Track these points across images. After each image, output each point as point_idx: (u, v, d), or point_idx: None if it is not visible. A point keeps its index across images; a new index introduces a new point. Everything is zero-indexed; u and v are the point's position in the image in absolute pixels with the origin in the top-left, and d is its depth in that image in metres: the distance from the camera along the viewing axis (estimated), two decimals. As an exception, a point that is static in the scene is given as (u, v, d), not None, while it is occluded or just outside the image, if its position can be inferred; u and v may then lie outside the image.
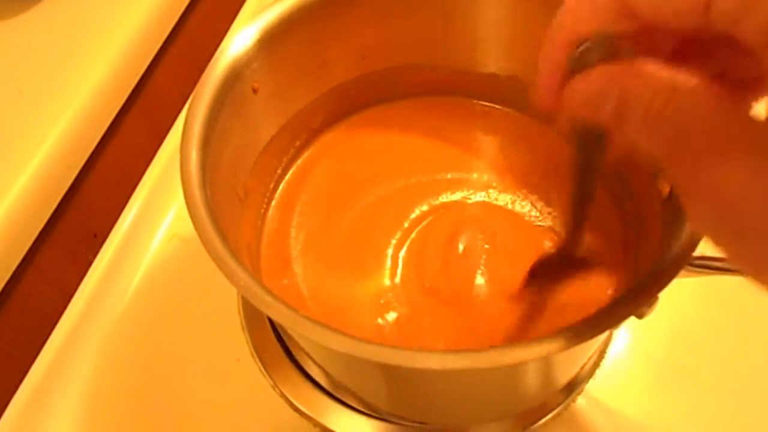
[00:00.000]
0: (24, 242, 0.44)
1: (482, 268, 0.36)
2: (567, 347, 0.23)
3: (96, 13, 0.53)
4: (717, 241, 0.18)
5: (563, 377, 0.36)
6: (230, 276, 0.26)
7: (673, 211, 0.29)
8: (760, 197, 0.16)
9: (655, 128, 0.19)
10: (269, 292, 0.26)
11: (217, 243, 0.26)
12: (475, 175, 0.41)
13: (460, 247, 0.37)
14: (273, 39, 0.33)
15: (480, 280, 0.36)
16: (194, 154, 0.29)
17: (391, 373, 0.30)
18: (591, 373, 0.39)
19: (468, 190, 0.40)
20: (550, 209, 0.39)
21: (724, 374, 0.39)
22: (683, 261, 0.25)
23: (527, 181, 0.40)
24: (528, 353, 0.23)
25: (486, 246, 0.37)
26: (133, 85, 0.53)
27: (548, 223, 0.38)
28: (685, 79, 0.18)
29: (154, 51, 0.55)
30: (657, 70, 0.19)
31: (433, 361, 0.23)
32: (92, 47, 0.51)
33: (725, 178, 0.17)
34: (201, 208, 0.27)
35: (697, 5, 0.18)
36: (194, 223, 0.27)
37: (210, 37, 0.62)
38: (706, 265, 0.27)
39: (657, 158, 0.19)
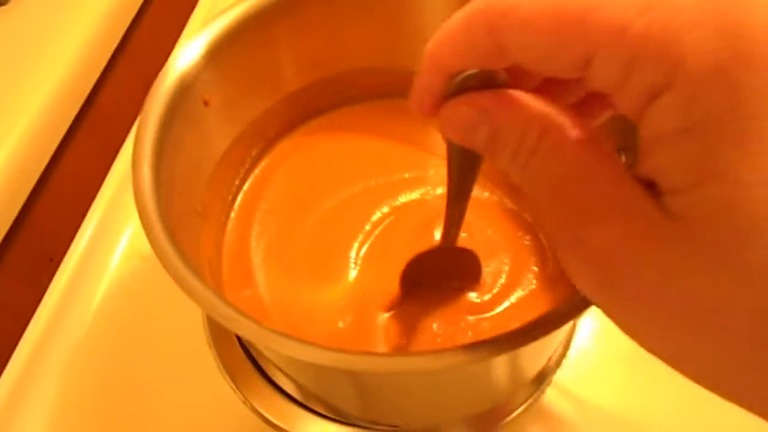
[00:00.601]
0: (-25, 271, 0.43)
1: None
2: (530, 341, 0.23)
3: (41, 27, 0.52)
4: (590, 295, 0.18)
5: (531, 370, 0.36)
6: (190, 293, 0.25)
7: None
8: (634, 259, 0.17)
9: (526, 169, 0.19)
10: (231, 306, 0.25)
11: (176, 261, 0.26)
12: (431, 171, 0.41)
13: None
14: (221, 50, 0.33)
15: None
16: (146, 171, 0.29)
17: (358, 379, 0.30)
18: (558, 363, 0.39)
19: (427, 187, 0.40)
20: (510, 198, 0.39)
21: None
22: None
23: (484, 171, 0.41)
24: (487, 351, 0.23)
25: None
26: (81, 101, 0.52)
27: (513, 207, 0.39)
28: (555, 116, 0.18)
29: (102, 65, 0.54)
30: (528, 104, 0.19)
31: (388, 365, 0.23)
32: (39, 63, 0.50)
33: (602, 239, 0.17)
34: (157, 226, 0.27)
35: (577, 68, 0.17)
36: (150, 241, 0.26)
37: (158, 50, 0.61)
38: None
39: (529, 195, 0.19)
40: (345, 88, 0.41)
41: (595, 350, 0.40)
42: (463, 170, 0.25)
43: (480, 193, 0.40)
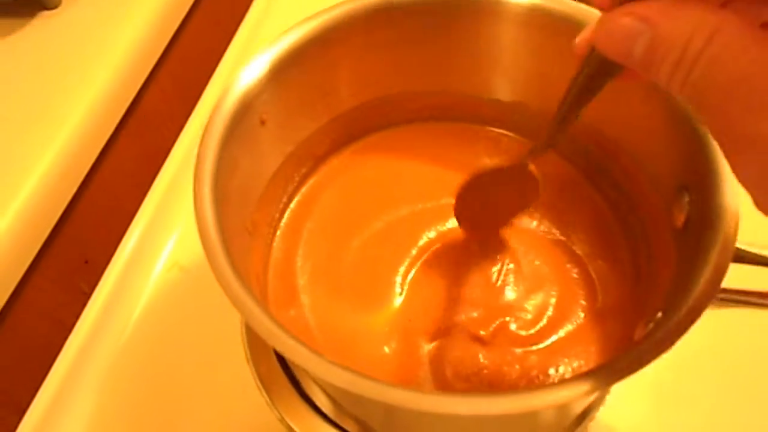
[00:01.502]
0: (16, 271, 0.43)
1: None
2: (598, 388, 0.23)
3: (86, 34, 0.52)
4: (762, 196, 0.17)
5: (579, 409, 0.36)
6: (249, 317, 0.25)
7: (688, 242, 0.29)
8: None
9: (691, 75, 0.18)
10: (286, 331, 0.25)
11: (237, 287, 0.25)
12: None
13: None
14: (283, 69, 0.33)
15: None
16: (207, 191, 0.29)
17: (405, 412, 0.30)
18: (601, 399, 0.38)
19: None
20: (559, 229, 0.39)
21: (732, 401, 0.39)
22: (711, 295, 0.25)
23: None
24: (557, 397, 0.23)
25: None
26: (125, 108, 0.52)
27: (561, 238, 0.39)
28: (725, 18, 0.17)
29: (146, 72, 0.55)
30: (691, 9, 0.18)
31: (463, 407, 0.23)
32: (83, 69, 0.50)
33: None
34: (219, 252, 0.27)
35: None
36: (213, 268, 0.26)
37: (202, 58, 0.61)
38: (729, 299, 0.27)
39: (689, 104, 0.18)
40: (397, 109, 0.41)
41: (638, 388, 0.40)
42: (586, 91, 0.25)
43: (528, 222, 0.39)
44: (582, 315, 0.36)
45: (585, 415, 0.38)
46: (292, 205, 0.40)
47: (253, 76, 0.32)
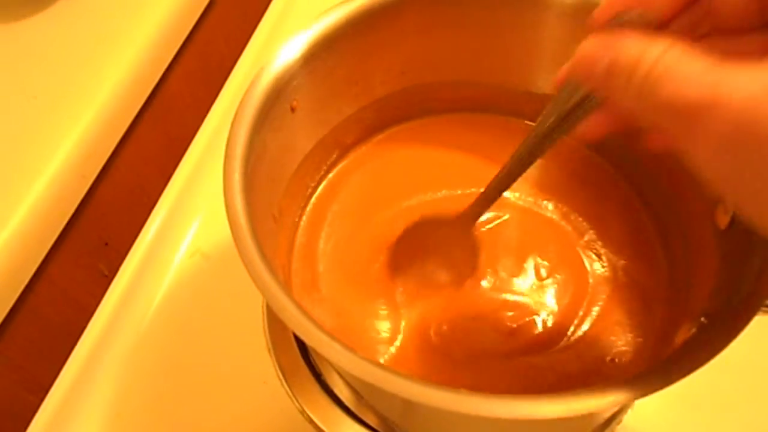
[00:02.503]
0: (38, 253, 0.43)
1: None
2: (644, 394, 0.22)
3: (111, 16, 0.52)
4: (725, 184, 0.18)
5: (607, 413, 0.35)
6: (280, 311, 0.24)
7: (733, 244, 0.28)
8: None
9: (641, 91, 0.19)
10: (310, 318, 0.25)
11: (260, 267, 0.25)
12: (507, 193, 0.40)
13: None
14: (316, 55, 0.32)
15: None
16: (237, 177, 0.28)
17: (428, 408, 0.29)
18: (629, 403, 0.38)
19: (500, 207, 0.39)
20: (588, 225, 0.38)
21: (764, 405, 0.38)
22: (761, 300, 0.24)
23: (559, 196, 0.39)
24: (599, 402, 0.22)
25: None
26: (149, 91, 0.52)
27: (593, 234, 0.38)
28: (670, 40, 0.19)
29: (171, 56, 0.54)
30: (645, 34, 0.20)
31: (502, 409, 0.22)
32: (107, 51, 0.49)
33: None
34: (247, 238, 0.26)
35: None
36: (241, 254, 0.25)
37: (226, 43, 0.60)
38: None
39: (649, 125, 0.20)
40: (428, 99, 0.40)
41: (668, 392, 0.39)
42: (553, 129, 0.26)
43: (558, 218, 0.39)
44: (613, 314, 0.35)
45: (613, 418, 0.37)
46: (317, 192, 0.40)
47: (285, 62, 0.31)
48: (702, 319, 0.26)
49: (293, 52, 0.31)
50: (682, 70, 0.18)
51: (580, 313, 0.35)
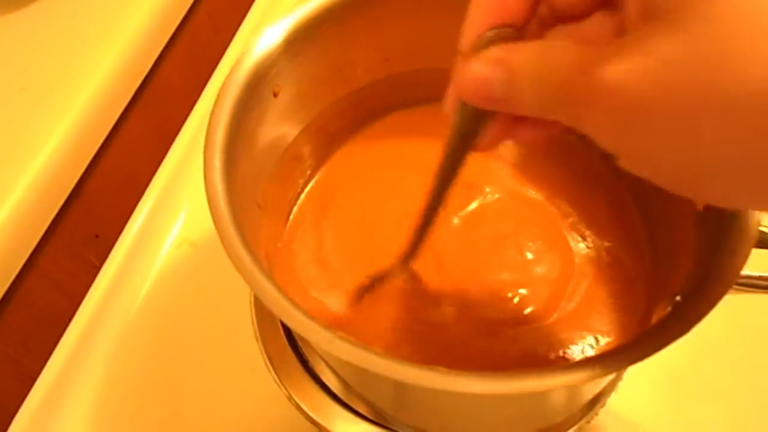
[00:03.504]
0: (27, 244, 0.43)
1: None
2: (614, 370, 0.22)
3: (101, 7, 0.52)
4: (607, 138, 0.19)
5: (589, 394, 0.35)
6: (262, 295, 0.25)
7: (709, 225, 0.28)
8: (636, 76, 0.17)
9: (544, 84, 0.20)
10: (293, 302, 0.25)
11: (247, 259, 0.25)
12: (492, 176, 0.40)
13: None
14: (298, 40, 0.32)
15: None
16: (217, 163, 0.28)
17: (411, 389, 0.29)
18: (613, 386, 0.38)
19: (486, 194, 0.39)
20: (571, 208, 0.39)
21: (747, 386, 0.38)
22: (732, 280, 0.24)
23: (542, 179, 0.40)
24: (565, 379, 0.22)
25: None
26: (139, 82, 0.52)
27: (577, 217, 0.38)
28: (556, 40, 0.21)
29: (161, 46, 0.54)
30: (531, 43, 0.21)
31: (475, 386, 0.22)
32: (97, 43, 0.49)
33: (607, 75, 0.18)
34: (227, 222, 0.26)
35: None
36: (222, 238, 0.26)
37: (216, 32, 0.60)
38: (751, 284, 0.26)
39: (561, 122, 0.20)
40: (414, 86, 0.40)
41: (651, 374, 0.39)
42: (460, 150, 0.26)
43: (543, 201, 0.39)
44: (597, 294, 0.35)
45: (596, 401, 0.37)
46: (308, 187, 0.40)
47: (266, 47, 0.31)
48: (677, 298, 0.26)
49: (274, 37, 0.31)
50: (561, 65, 0.19)
51: (566, 292, 0.35)
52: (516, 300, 0.35)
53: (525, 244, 0.37)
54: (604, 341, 0.33)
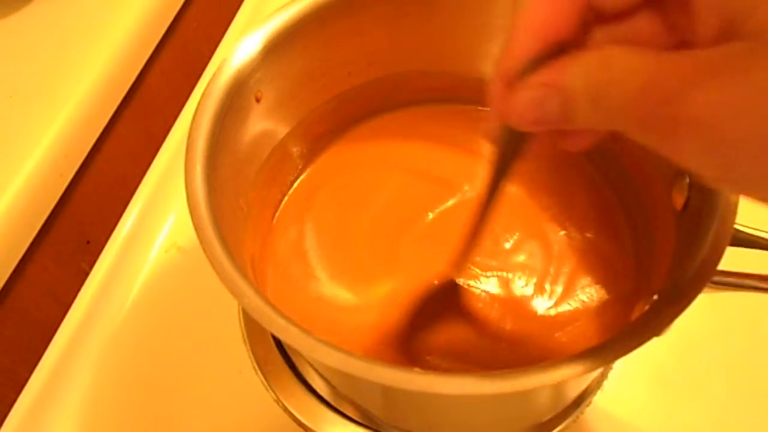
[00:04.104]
0: (17, 250, 0.43)
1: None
2: (591, 369, 0.22)
3: (89, 13, 0.52)
4: (706, 170, 0.18)
5: (574, 392, 0.36)
6: (240, 298, 0.25)
7: (687, 225, 0.28)
8: (733, 107, 0.16)
9: (604, 100, 0.19)
10: (279, 312, 0.25)
11: (227, 264, 0.25)
12: (477, 177, 0.40)
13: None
14: (278, 46, 0.32)
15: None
16: (199, 169, 0.28)
17: (397, 391, 0.30)
18: (599, 384, 0.38)
19: (463, 187, 0.40)
20: (560, 209, 0.39)
21: (732, 384, 0.39)
22: (707, 277, 0.24)
23: (531, 180, 0.40)
24: (546, 378, 0.23)
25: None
26: (127, 88, 0.52)
27: (562, 218, 0.38)
28: (607, 50, 0.19)
29: (149, 52, 0.54)
30: (580, 56, 0.19)
31: (452, 387, 0.22)
32: (84, 49, 0.49)
33: (699, 104, 0.16)
34: (209, 228, 0.26)
35: None
36: (203, 244, 0.26)
37: (204, 38, 0.60)
38: (726, 282, 0.26)
39: (621, 132, 0.19)
40: (396, 90, 0.40)
41: (636, 373, 0.39)
42: (503, 167, 0.26)
43: (529, 202, 0.39)
44: (582, 296, 0.36)
45: (582, 400, 0.37)
46: (291, 191, 0.40)
47: (247, 53, 0.32)
48: (654, 296, 0.26)
49: (254, 43, 0.32)
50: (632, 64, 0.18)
51: (546, 286, 0.36)
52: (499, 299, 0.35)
53: (505, 237, 0.37)
54: (589, 339, 0.34)
